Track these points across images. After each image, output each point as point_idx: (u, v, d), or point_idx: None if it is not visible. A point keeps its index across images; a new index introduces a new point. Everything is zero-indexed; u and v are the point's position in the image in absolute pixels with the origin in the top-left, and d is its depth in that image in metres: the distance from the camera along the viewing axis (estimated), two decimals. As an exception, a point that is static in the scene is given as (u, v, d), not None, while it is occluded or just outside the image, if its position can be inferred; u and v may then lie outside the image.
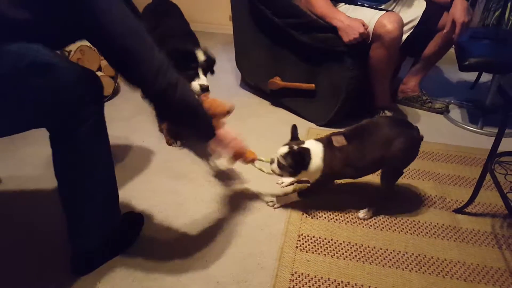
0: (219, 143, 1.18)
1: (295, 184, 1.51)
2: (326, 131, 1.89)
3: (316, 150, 1.25)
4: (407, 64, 2.23)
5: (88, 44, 2.04)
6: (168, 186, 1.53)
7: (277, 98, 2.13)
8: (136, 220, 1.32)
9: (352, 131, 1.28)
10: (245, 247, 1.26)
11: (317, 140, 1.28)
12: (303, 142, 1.27)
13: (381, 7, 1.85)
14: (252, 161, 1.31)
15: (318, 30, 1.79)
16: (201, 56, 1.52)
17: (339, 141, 1.24)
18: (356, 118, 2.01)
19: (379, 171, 1.34)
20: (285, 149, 1.24)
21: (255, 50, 2.15)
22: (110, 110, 2.08)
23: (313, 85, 1.92)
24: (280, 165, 1.25)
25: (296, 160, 1.23)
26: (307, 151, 1.24)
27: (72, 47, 2.13)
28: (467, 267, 1.20)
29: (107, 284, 1.13)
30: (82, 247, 1.13)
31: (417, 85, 2.12)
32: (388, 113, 1.93)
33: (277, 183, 1.46)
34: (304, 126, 1.95)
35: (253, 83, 2.29)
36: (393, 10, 1.89)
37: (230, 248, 1.25)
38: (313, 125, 1.97)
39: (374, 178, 1.42)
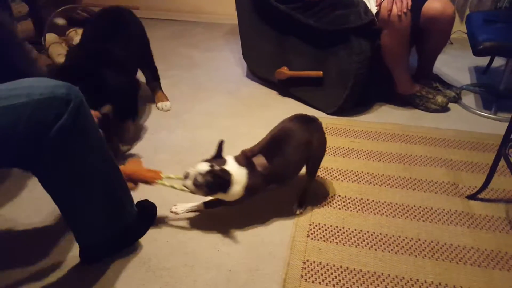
0: None
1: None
2: (336, 120, 1.89)
3: (239, 176, 1.16)
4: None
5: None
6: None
7: (285, 88, 2.12)
8: (149, 210, 1.33)
9: (268, 146, 1.21)
10: (256, 236, 1.26)
11: (236, 160, 1.18)
12: (224, 162, 1.17)
13: None
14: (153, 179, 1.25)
15: (324, 10, 1.76)
16: None
17: (261, 163, 1.18)
18: (366, 106, 2.03)
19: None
20: (205, 167, 1.13)
21: (261, 41, 2.13)
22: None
23: (321, 72, 1.90)
24: (196, 182, 1.13)
25: (215, 181, 1.12)
26: (229, 176, 1.14)
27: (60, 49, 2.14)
28: (481, 253, 1.19)
29: (120, 273, 1.15)
30: (86, 242, 1.14)
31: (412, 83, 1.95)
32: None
33: (171, 211, 1.32)
34: (314, 115, 1.93)
35: (260, 74, 2.27)
36: None
37: (242, 237, 1.26)
38: (322, 114, 1.95)
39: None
